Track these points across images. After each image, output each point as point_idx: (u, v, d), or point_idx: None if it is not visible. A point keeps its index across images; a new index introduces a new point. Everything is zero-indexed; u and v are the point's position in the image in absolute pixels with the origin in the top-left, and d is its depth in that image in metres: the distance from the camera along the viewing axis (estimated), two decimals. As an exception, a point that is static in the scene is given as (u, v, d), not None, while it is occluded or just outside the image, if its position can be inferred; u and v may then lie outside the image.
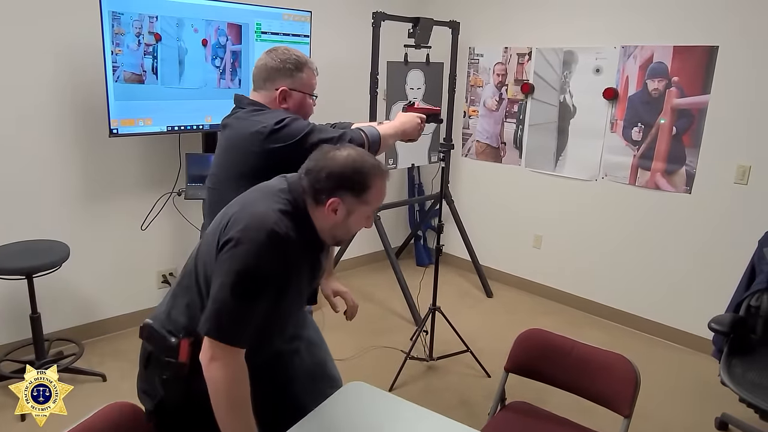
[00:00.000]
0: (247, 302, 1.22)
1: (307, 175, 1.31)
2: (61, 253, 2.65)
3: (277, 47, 1.81)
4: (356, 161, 1.30)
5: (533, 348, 1.93)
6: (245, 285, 1.22)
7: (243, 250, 1.21)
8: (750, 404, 2.12)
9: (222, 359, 1.23)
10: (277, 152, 1.64)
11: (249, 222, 1.24)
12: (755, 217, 3.09)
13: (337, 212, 1.30)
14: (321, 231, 1.36)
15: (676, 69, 3.29)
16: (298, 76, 1.77)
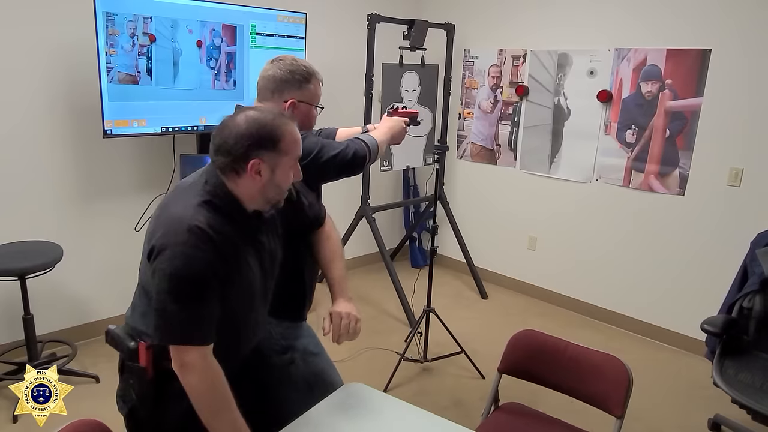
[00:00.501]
0: (188, 304, 1.22)
1: (218, 153, 1.29)
2: (55, 254, 2.64)
3: (283, 57, 1.77)
4: (258, 119, 1.28)
5: (527, 349, 1.93)
6: (181, 288, 1.21)
7: (169, 255, 1.20)
8: (742, 405, 2.13)
9: (190, 363, 1.23)
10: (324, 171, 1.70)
11: (168, 226, 1.24)
12: (748, 219, 3.11)
13: (261, 173, 1.29)
14: (252, 200, 1.33)
15: (670, 72, 3.31)
16: (306, 87, 1.75)
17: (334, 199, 4.34)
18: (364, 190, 3.81)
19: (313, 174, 1.65)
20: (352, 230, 4.04)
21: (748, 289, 2.46)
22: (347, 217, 4.08)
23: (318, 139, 1.76)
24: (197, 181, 1.33)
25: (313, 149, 1.70)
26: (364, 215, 3.85)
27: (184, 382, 1.24)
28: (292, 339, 1.83)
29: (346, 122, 4.27)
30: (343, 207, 4.35)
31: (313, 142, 1.72)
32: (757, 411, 2.08)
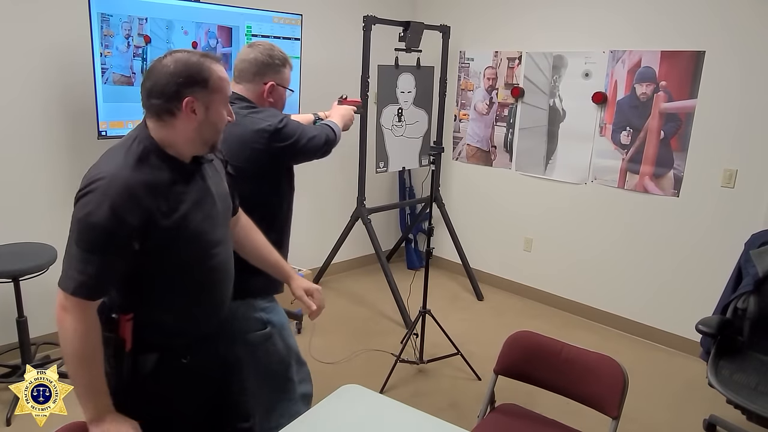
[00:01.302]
0: (89, 252, 1.23)
1: (151, 96, 1.28)
2: (48, 256, 2.63)
3: (259, 42, 1.88)
4: (185, 58, 1.29)
5: (522, 350, 1.94)
6: (85, 235, 1.22)
7: (84, 201, 1.22)
8: (737, 406, 2.14)
9: (71, 311, 1.24)
10: (280, 151, 1.78)
11: (90, 179, 1.25)
12: (742, 220, 3.12)
13: (196, 111, 1.29)
14: (189, 142, 1.33)
15: (664, 73, 3.32)
16: (283, 71, 1.87)
17: (330, 201, 4.35)
18: (359, 192, 3.81)
19: (291, 156, 1.83)
20: (348, 231, 4.04)
21: (743, 290, 2.47)
22: (343, 218, 4.08)
23: (298, 123, 1.85)
24: (125, 142, 1.33)
25: (295, 132, 1.80)
26: (359, 216, 3.85)
27: (60, 326, 1.25)
28: (271, 313, 1.89)
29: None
30: (339, 208, 4.35)
31: (294, 126, 1.82)
32: (751, 411, 2.09)
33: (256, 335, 1.84)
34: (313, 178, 4.21)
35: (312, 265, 4.17)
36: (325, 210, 4.36)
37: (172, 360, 1.36)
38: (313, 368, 3.03)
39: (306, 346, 3.31)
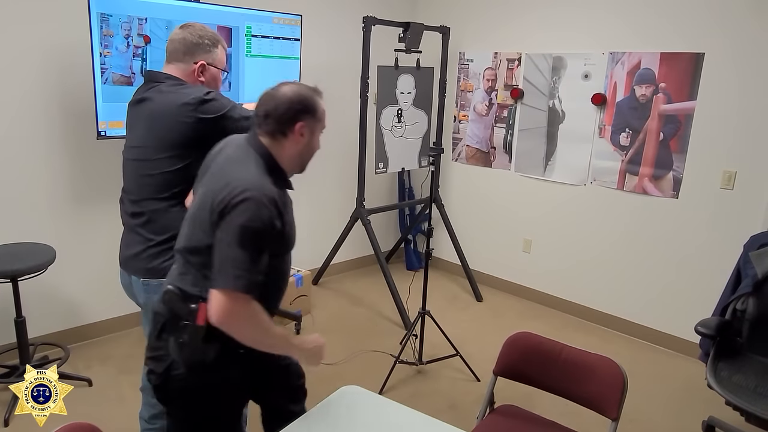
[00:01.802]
0: (251, 254, 1.36)
1: (267, 118, 1.49)
2: (47, 256, 2.62)
3: (191, 23, 1.93)
4: (302, 89, 1.52)
5: (522, 351, 1.94)
6: (247, 238, 1.35)
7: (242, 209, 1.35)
8: (736, 407, 2.14)
9: (243, 305, 1.36)
10: (204, 122, 1.77)
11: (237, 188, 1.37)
12: (741, 221, 3.12)
13: (303, 134, 1.51)
14: (291, 162, 1.54)
15: (663, 75, 3.32)
16: (214, 51, 1.91)
17: (329, 201, 4.35)
18: (359, 192, 3.81)
19: (219, 131, 1.74)
20: (347, 232, 4.03)
21: (742, 291, 2.48)
22: (342, 219, 4.08)
23: (230, 100, 1.86)
24: (247, 153, 1.50)
25: (225, 107, 1.81)
26: (359, 217, 3.85)
27: (232, 330, 1.38)
28: None
29: (342, 124, 4.29)
30: (338, 209, 4.35)
31: (225, 101, 1.84)
32: (750, 413, 2.09)
33: None
34: (312, 179, 4.21)
35: (311, 265, 4.17)
36: (324, 211, 4.36)
37: (232, 350, 1.44)
38: (312, 370, 3.03)
39: (305, 346, 3.31)
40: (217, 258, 1.37)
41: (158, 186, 1.83)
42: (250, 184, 1.38)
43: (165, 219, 1.83)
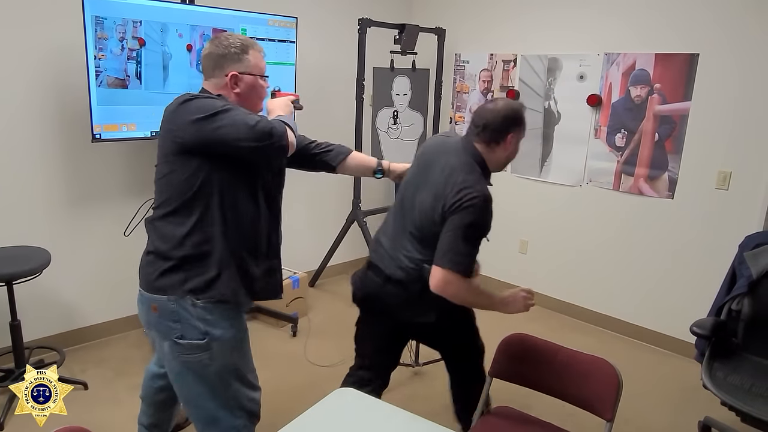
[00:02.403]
0: (473, 245, 1.83)
1: (485, 129, 1.87)
2: (42, 259, 2.61)
3: (219, 35, 1.81)
4: (513, 104, 1.90)
5: (517, 353, 1.94)
6: (473, 232, 1.82)
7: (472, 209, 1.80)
8: (731, 407, 2.14)
9: (455, 284, 1.81)
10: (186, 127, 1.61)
11: (466, 190, 1.79)
12: (736, 222, 3.13)
13: (512, 143, 1.90)
14: (497, 164, 1.95)
15: (658, 76, 3.33)
16: (245, 58, 1.77)
17: (326, 204, 4.34)
18: (355, 194, 3.80)
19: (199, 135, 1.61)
20: (344, 234, 4.03)
21: (737, 291, 2.48)
22: (339, 221, 4.08)
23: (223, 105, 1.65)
24: (467, 160, 1.88)
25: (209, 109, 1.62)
26: (355, 219, 3.85)
27: (450, 295, 1.83)
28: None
29: (338, 126, 4.30)
30: (335, 211, 4.35)
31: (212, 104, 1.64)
32: (746, 413, 2.09)
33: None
34: (309, 181, 4.20)
35: (308, 267, 4.17)
36: (320, 213, 4.36)
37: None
38: (308, 372, 3.04)
39: (301, 349, 3.30)
40: (444, 243, 1.80)
41: (155, 195, 1.78)
42: (477, 192, 1.79)
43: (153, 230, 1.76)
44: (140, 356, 3.10)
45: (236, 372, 1.79)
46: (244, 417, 1.81)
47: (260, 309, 3.60)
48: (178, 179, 1.67)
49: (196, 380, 1.74)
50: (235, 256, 1.73)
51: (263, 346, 3.32)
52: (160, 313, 1.69)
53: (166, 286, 1.68)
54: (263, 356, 3.20)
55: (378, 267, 2.07)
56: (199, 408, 1.78)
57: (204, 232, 1.68)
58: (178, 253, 1.67)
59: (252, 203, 1.76)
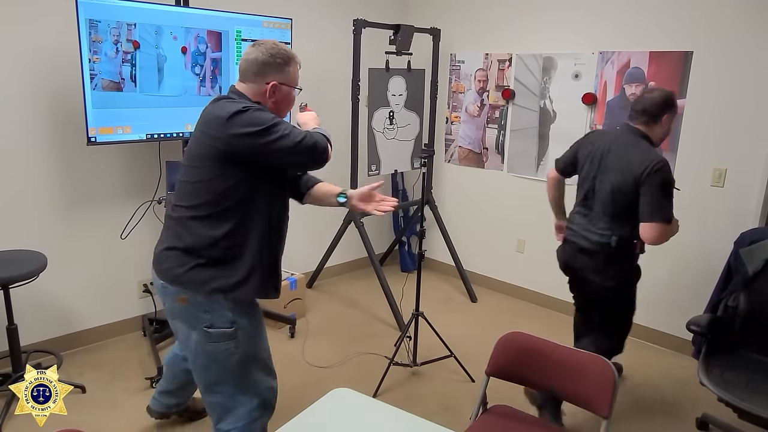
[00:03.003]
0: (670, 198, 2.26)
1: (644, 114, 2.35)
2: (38, 263, 2.61)
3: (264, 41, 1.86)
4: (666, 91, 2.37)
5: (514, 351, 1.94)
6: (670, 190, 2.24)
7: (663, 173, 2.21)
8: (729, 404, 2.14)
9: (665, 231, 2.24)
10: (235, 139, 1.67)
11: (651, 160, 2.23)
12: (731, 218, 3.14)
13: (666, 123, 2.37)
14: (657, 140, 2.40)
15: (653, 74, 3.34)
16: (287, 70, 1.84)
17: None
18: (352, 195, 3.80)
19: (251, 149, 1.70)
20: (341, 235, 4.03)
21: (733, 287, 2.49)
22: (335, 222, 4.08)
23: (272, 117, 1.74)
24: (636, 139, 2.36)
25: (259, 123, 1.69)
26: (352, 220, 3.85)
27: (662, 240, 2.25)
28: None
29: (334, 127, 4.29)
30: (332, 212, 4.34)
31: (263, 117, 1.71)
32: (742, 409, 2.10)
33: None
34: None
35: (305, 269, 4.17)
36: (317, 214, 4.36)
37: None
38: (306, 372, 3.04)
39: (299, 350, 3.30)
40: (646, 205, 2.22)
41: (185, 194, 1.81)
42: (658, 158, 2.22)
43: (183, 228, 1.80)
44: (138, 359, 3.10)
45: (257, 360, 1.91)
46: (260, 406, 1.90)
47: (258, 311, 3.59)
48: (221, 187, 1.72)
49: (219, 368, 1.83)
50: (271, 257, 1.86)
51: (261, 347, 3.32)
52: (190, 303, 1.77)
53: (194, 281, 1.75)
54: (261, 358, 3.20)
55: (572, 242, 2.59)
56: (219, 395, 1.87)
57: (239, 236, 1.76)
58: (212, 254, 1.75)
59: (284, 207, 1.91)
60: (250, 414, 1.89)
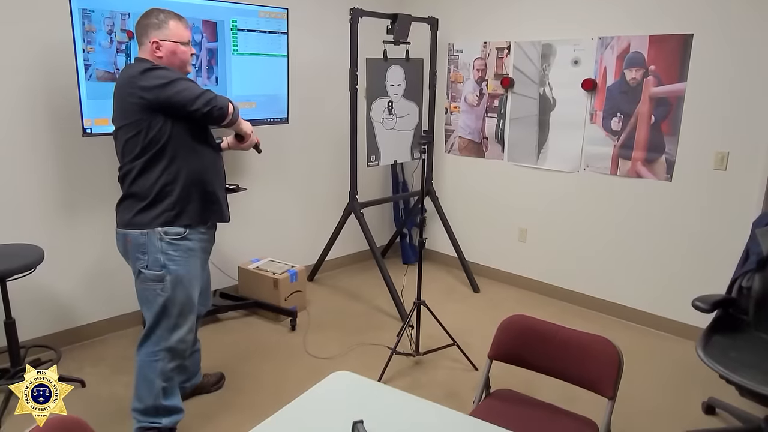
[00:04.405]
0: None
1: None
2: (35, 255, 2.58)
3: (149, 9, 2.12)
4: None
5: (517, 334, 1.91)
6: None
7: None
8: (729, 381, 2.10)
9: None
10: (146, 92, 1.96)
11: None
12: (735, 202, 3.10)
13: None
14: None
15: (653, 58, 3.31)
16: (165, 27, 2.08)
17: (322, 196, 4.32)
18: (351, 186, 3.78)
19: (159, 100, 1.99)
20: (341, 227, 4.00)
21: (747, 268, 2.45)
22: (336, 213, 4.05)
23: (176, 74, 2.04)
24: None
25: (165, 77, 1.99)
26: (352, 211, 3.82)
27: None
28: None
29: (331, 116, 4.27)
30: (331, 203, 4.32)
31: (167, 74, 2.01)
32: (740, 385, 2.05)
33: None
34: (304, 173, 4.18)
35: (306, 262, 4.14)
36: (318, 206, 4.33)
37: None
38: (308, 364, 3.01)
39: (300, 342, 3.28)
40: None
41: (123, 151, 2.10)
42: None
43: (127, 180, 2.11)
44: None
45: (180, 308, 2.18)
46: (166, 350, 2.20)
47: (259, 304, 3.57)
48: (149, 136, 2.02)
49: (147, 306, 2.17)
50: (208, 188, 2.18)
51: (262, 340, 3.30)
52: (133, 244, 2.10)
53: (139, 223, 2.08)
54: (263, 350, 3.18)
55: None
56: (147, 324, 2.21)
57: (172, 174, 2.07)
58: (152, 195, 2.06)
59: (210, 143, 2.20)
60: (154, 352, 2.19)
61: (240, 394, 2.72)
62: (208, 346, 3.16)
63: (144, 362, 2.21)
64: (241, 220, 3.82)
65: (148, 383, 2.21)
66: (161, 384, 2.22)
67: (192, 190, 2.13)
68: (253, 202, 3.88)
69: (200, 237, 2.23)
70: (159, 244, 2.09)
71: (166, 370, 2.23)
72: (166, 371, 2.23)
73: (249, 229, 3.89)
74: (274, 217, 4.06)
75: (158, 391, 2.21)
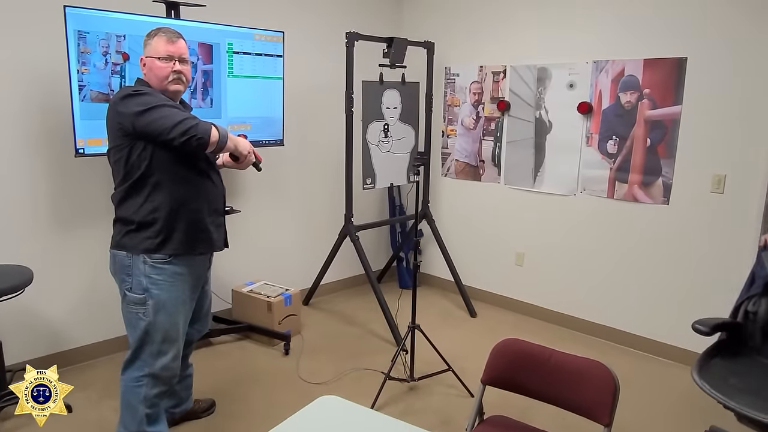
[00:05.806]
0: None
1: None
2: (23, 276, 2.54)
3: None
4: None
5: (510, 358, 1.86)
6: None
7: None
8: (726, 407, 2.04)
9: None
10: (123, 118, 1.94)
11: None
12: (733, 225, 3.07)
13: None
14: None
15: (647, 81, 3.32)
16: (149, 44, 2.09)
17: (318, 219, 4.29)
18: (347, 208, 3.75)
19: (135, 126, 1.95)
20: (336, 250, 3.97)
21: (753, 292, 2.40)
22: (332, 237, 4.02)
23: (158, 100, 1.98)
24: None
25: (145, 104, 1.94)
26: (347, 234, 3.79)
27: None
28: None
29: (327, 139, 4.27)
30: (327, 226, 4.29)
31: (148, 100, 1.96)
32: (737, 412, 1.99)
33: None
34: (299, 195, 4.17)
35: (301, 285, 4.10)
36: (313, 229, 4.31)
37: None
38: (300, 389, 2.95)
39: (293, 367, 3.22)
40: None
41: (112, 174, 2.10)
42: None
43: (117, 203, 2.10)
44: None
45: (163, 334, 2.12)
46: (149, 375, 2.15)
47: (252, 327, 3.52)
48: (132, 159, 2.00)
49: (131, 329, 2.14)
50: (194, 215, 2.11)
51: (255, 364, 3.23)
52: (119, 265, 2.08)
53: (127, 246, 2.06)
54: (255, 375, 3.11)
55: None
56: (131, 348, 2.17)
57: (158, 200, 2.03)
58: (138, 219, 2.03)
59: (195, 168, 2.12)
60: (138, 378, 2.14)
61: (230, 420, 2.66)
62: (201, 371, 3.10)
63: (127, 387, 2.17)
64: (235, 242, 3.78)
65: (131, 410, 2.16)
66: (145, 410, 2.16)
67: (177, 218, 2.07)
68: (247, 225, 3.85)
69: (188, 262, 2.15)
70: (143, 267, 2.05)
71: (150, 396, 2.17)
72: (150, 397, 2.17)
73: (243, 251, 3.85)
74: (269, 239, 4.02)
75: (141, 417, 2.16)
